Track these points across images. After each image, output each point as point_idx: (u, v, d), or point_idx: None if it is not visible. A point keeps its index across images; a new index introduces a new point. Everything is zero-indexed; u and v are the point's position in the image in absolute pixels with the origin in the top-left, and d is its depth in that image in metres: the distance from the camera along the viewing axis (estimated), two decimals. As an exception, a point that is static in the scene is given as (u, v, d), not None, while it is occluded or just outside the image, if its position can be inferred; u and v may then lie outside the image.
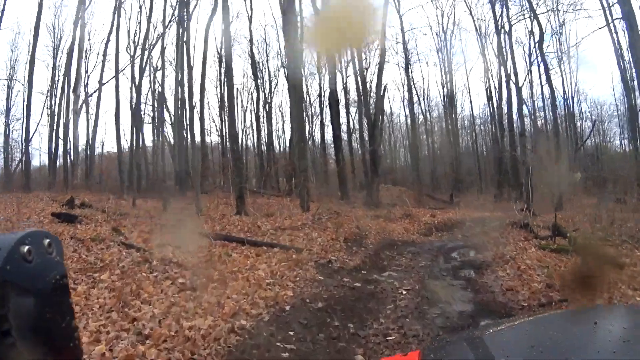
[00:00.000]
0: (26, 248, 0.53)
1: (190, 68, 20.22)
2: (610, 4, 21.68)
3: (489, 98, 29.94)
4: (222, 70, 28.21)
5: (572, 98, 32.24)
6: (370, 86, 28.02)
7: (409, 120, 32.65)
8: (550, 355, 1.00)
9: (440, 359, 1.13)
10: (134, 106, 23.94)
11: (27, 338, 0.51)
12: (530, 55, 27.98)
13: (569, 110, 31.63)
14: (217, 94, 33.45)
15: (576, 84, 33.60)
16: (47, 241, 0.57)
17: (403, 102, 38.54)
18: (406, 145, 37.68)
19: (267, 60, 35.44)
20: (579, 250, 7.09)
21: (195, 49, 43.37)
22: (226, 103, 26.33)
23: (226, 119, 28.87)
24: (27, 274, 0.53)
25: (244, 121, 33.92)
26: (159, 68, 24.84)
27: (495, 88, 29.70)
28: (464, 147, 37.34)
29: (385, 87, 27.72)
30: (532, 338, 1.13)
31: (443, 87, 33.76)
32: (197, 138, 22.72)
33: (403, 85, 37.53)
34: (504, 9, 26.69)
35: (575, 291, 4.03)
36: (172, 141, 25.79)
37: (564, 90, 30.23)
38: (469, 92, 46.09)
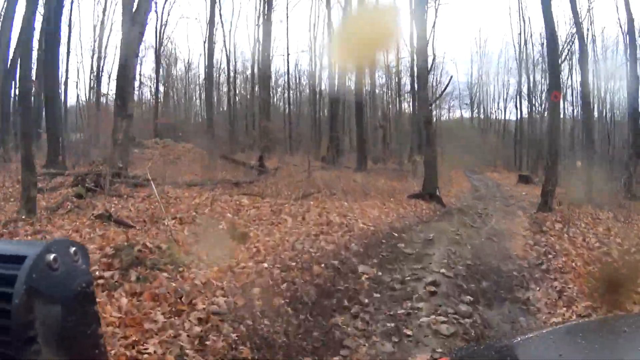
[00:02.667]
0: (52, 256, 0.53)
1: None
2: None
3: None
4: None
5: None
6: None
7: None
8: None
9: None
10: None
11: (52, 345, 0.51)
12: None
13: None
14: None
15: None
16: (72, 249, 0.56)
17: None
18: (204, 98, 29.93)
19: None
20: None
21: None
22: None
23: None
24: (52, 282, 0.52)
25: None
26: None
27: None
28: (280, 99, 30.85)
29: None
30: (560, 347, 1.08)
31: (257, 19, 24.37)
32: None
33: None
34: None
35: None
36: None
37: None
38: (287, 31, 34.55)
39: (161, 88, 28.60)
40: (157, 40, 25.64)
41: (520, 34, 24.97)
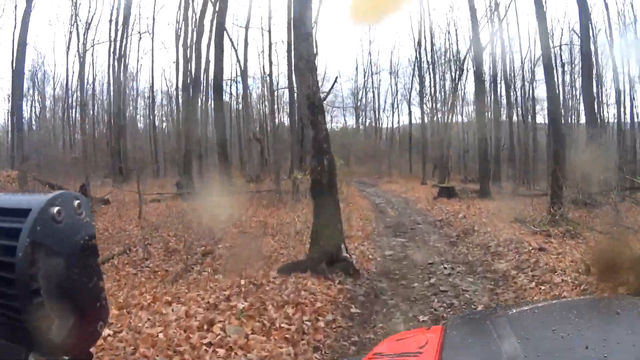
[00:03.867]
0: (56, 209, 0.52)
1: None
2: None
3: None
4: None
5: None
6: None
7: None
8: (571, 341, 0.94)
9: (463, 335, 1.11)
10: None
11: (55, 298, 0.51)
12: None
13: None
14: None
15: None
16: (76, 202, 0.55)
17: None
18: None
19: None
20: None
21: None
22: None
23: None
24: (56, 235, 0.52)
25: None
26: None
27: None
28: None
29: None
30: (554, 322, 1.08)
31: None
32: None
33: None
34: None
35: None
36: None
37: None
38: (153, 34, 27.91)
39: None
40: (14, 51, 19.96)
41: (420, 21, 21.77)
